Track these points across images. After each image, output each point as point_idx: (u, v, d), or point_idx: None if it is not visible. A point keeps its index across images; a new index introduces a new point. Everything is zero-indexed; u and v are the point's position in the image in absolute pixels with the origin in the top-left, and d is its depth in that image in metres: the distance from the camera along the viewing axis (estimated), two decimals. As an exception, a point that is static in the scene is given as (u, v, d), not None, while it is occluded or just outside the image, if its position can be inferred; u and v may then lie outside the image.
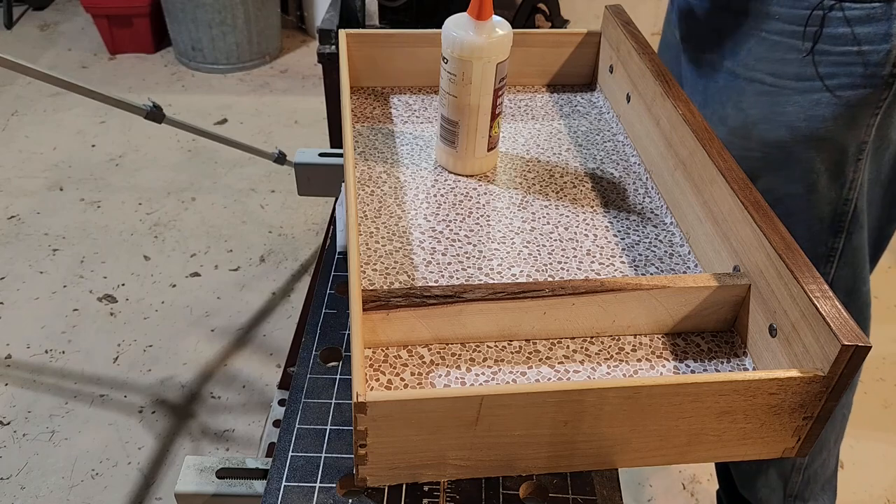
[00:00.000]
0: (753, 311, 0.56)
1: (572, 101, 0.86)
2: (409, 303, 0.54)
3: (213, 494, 0.58)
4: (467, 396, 0.45)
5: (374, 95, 0.84)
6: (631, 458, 0.52)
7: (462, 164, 0.73)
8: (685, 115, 0.65)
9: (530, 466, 0.51)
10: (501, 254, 0.64)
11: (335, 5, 1.43)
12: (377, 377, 0.54)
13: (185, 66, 2.64)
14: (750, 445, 0.52)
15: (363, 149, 0.76)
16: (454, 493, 0.53)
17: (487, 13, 0.64)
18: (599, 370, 0.55)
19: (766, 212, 0.55)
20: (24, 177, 2.10)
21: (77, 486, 1.34)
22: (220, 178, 2.12)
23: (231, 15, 2.48)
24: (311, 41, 2.84)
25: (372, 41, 0.81)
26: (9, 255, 1.82)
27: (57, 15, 2.95)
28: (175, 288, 1.76)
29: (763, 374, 0.47)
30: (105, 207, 1.99)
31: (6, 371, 1.55)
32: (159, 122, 1.46)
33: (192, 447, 1.42)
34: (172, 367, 1.57)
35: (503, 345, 0.57)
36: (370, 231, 0.65)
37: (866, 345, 0.45)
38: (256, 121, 2.38)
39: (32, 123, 2.32)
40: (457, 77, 0.66)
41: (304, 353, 0.63)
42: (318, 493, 0.53)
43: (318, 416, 0.58)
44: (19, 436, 1.42)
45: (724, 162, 0.60)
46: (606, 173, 0.75)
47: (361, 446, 0.46)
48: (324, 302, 0.68)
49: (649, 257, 0.65)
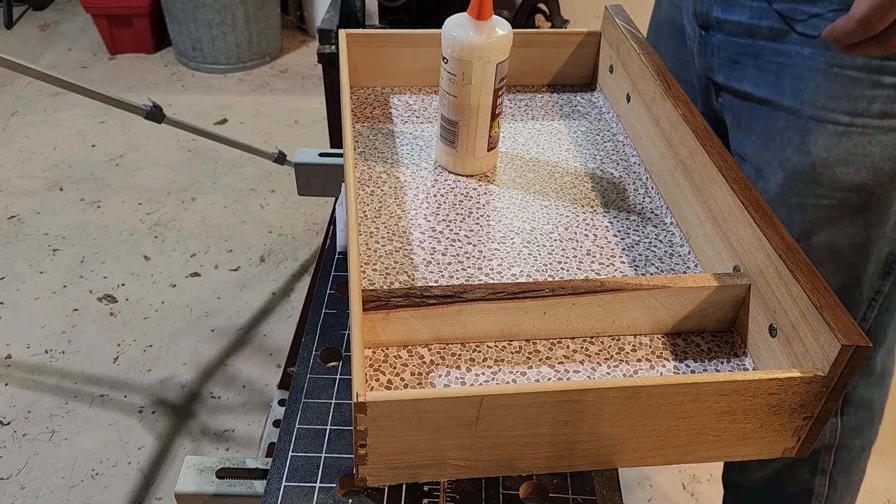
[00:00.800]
0: (753, 311, 0.56)
1: (572, 101, 0.86)
2: (409, 303, 0.54)
3: (213, 494, 0.58)
4: (467, 396, 0.45)
5: (374, 95, 0.84)
6: (631, 458, 0.52)
7: (462, 164, 0.73)
8: (685, 115, 0.65)
9: (530, 466, 0.51)
10: (501, 254, 0.64)
11: (335, 5, 1.43)
12: (377, 377, 0.54)
13: (185, 66, 2.63)
14: (750, 445, 0.52)
15: (363, 149, 0.76)
16: (454, 493, 0.53)
17: (487, 13, 0.64)
18: (599, 370, 0.55)
19: (766, 212, 0.55)
20: (24, 177, 2.10)
21: (77, 486, 1.34)
22: (220, 178, 2.12)
23: (231, 15, 2.48)
24: (311, 41, 2.84)
25: (372, 41, 0.81)
26: (9, 255, 1.82)
27: (57, 15, 2.95)
28: (175, 288, 1.76)
29: (763, 374, 0.47)
30: (105, 207, 1.99)
31: (6, 371, 1.55)
32: (159, 122, 1.46)
33: (192, 447, 1.42)
34: (172, 367, 1.57)
35: (503, 345, 0.57)
36: (370, 231, 0.65)
37: (866, 345, 0.45)
38: (256, 121, 2.38)
39: (32, 123, 2.32)
40: (457, 77, 0.66)
41: (304, 353, 0.63)
42: (318, 493, 0.53)
43: (318, 416, 0.58)
44: (19, 436, 1.42)
45: (724, 162, 0.60)
46: (606, 173, 0.75)
47: (361, 446, 0.46)
48: (324, 302, 0.68)
49: (649, 257, 0.65)
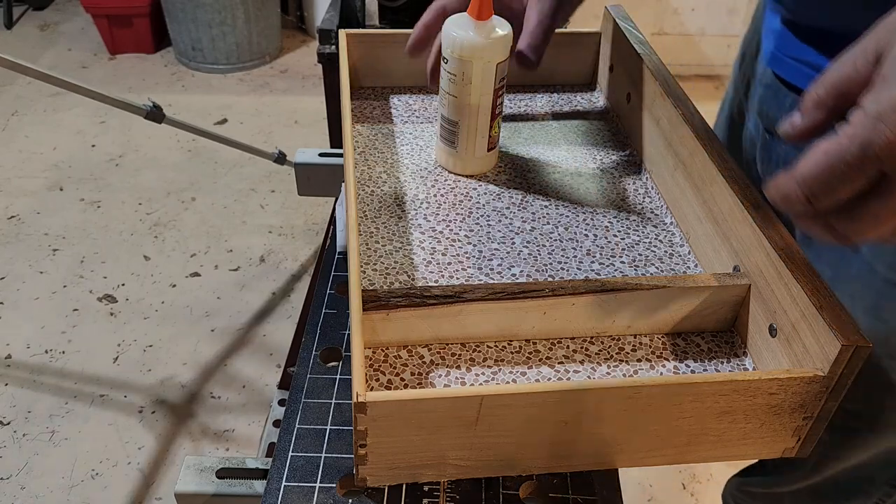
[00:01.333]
0: (753, 311, 0.56)
1: (572, 101, 0.86)
2: (409, 303, 0.54)
3: (213, 494, 0.58)
4: (467, 396, 0.45)
5: (374, 95, 0.84)
6: (631, 458, 0.52)
7: (462, 164, 0.73)
8: (685, 115, 0.65)
9: (530, 466, 0.51)
10: (501, 254, 0.64)
11: (335, 5, 1.43)
12: (377, 377, 0.54)
13: (185, 66, 2.63)
14: (750, 445, 0.52)
15: (363, 149, 0.76)
16: (454, 493, 0.53)
17: (487, 13, 0.64)
18: (599, 370, 0.55)
19: (765, 212, 0.55)
20: (24, 177, 2.10)
21: (77, 486, 1.34)
22: (220, 178, 2.12)
23: (231, 15, 2.48)
24: (311, 41, 2.84)
25: (372, 41, 0.81)
26: (9, 255, 1.82)
27: (57, 15, 2.95)
28: (175, 288, 1.76)
29: (763, 374, 0.47)
30: (105, 207, 1.99)
31: (6, 371, 1.55)
32: (159, 122, 1.46)
33: (192, 447, 1.42)
34: (172, 367, 1.57)
35: (503, 345, 0.57)
36: (370, 231, 0.65)
37: (866, 345, 0.45)
38: (256, 121, 2.38)
39: (32, 123, 2.32)
40: (457, 77, 0.66)
41: (304, 353, 0.63)
42: (318, 493, 0.53)
43: (318, 416, 0.58)
44: (19, 436, 1.42)
45: (724, 162, 0.60)
46: (606, 173, 0.75)
47: (361, 446, 0.46)
48: (324, 302, 0.68)
49: (649, 257, 0.65)
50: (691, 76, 2.69)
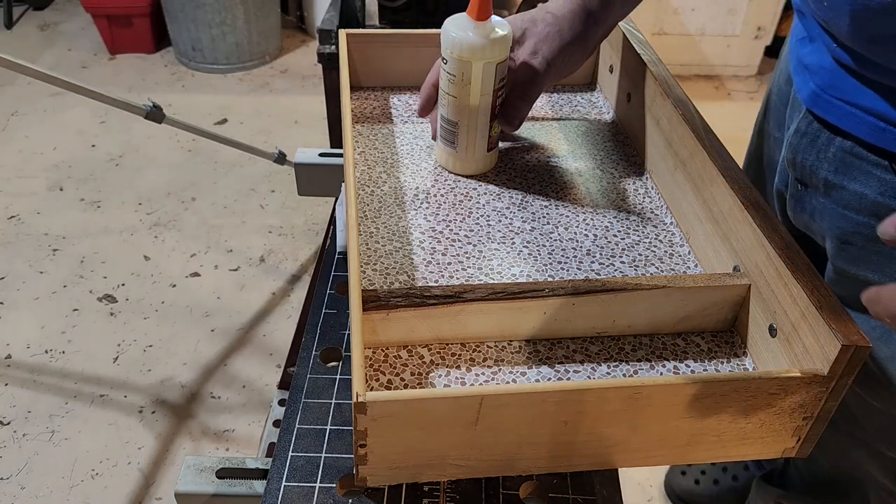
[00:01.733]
0: (753, 311, 0.56)
1: (572, 101, 0.86)
2: (409, 303, 0.54)
3: (213, 494, 0.58)
4: (467, 396, 0.45)
5: (374, 95, 0.84)
6: (631, 458, 0.52)
7: (462, 164, 0.73)
8: (685, 116, 0.65)
9: (530, 466, 0.51)
10: (501, 254, 0.64)
11: (335, 5, 1.43)
12: (377, 377, 0.54)
13: (185, 66, 2.63)
14: (750, 445, 0.52)
15: (363, 149, 0.76)
16: (454, 493, 0.53)
17: (487, 13, 0.64)
18: (599, 370, 0.55)
19: (766, 212, 0.55)
20: (24, 177, 2.10)
21: (77, 486, 1.34)
22: (220, 178, 2.12)
23: (231, 15, 2.47)
24: (311, 41, 2.84)
25: (372, 41, 0.81)
26: (9, 255, 1.82)
27: (57, 15, 2.94)
28: (175, 288, 1.76)
29: (763, 374, 0.47)
30: (105, 207, 1.99)
31: (6, 371, 1.55)
32: (159, 122, 1.46)
33: (192, 447, 1.42)
34: (172, 367, 1.57)
35: (503, 345, 0.57)
36: (370, 231, 0.65)
37: (866, 345, 0.45)
38: (256, 121, 2.38)
39: (32, 123, 2.32)
40: (456, 77, 0.66)
41: (304, 353, 0.63)
42: (318, 493, 0.53)
43: (318, 416, 0.58)
44: (19, 436, 1.42)
45: (724, 162, 0.60)
46: (606, 173, 0.75)
47: (361, 446, 0.46)
48: (324, 302, 0.68)
49: (649, 257, 0.65)
50: (691, 76, 2.69)
